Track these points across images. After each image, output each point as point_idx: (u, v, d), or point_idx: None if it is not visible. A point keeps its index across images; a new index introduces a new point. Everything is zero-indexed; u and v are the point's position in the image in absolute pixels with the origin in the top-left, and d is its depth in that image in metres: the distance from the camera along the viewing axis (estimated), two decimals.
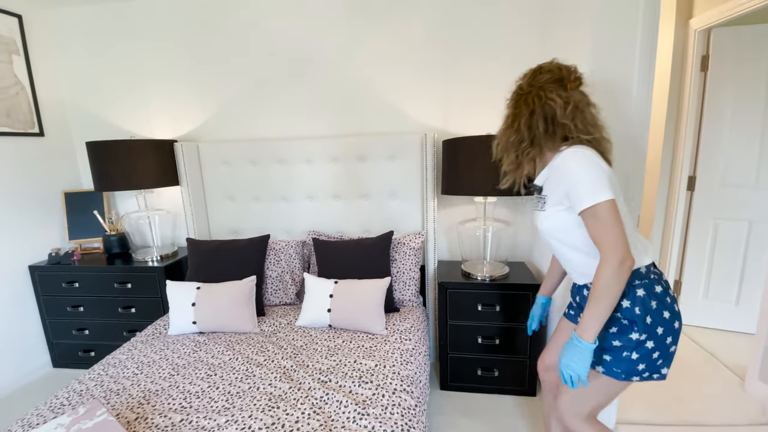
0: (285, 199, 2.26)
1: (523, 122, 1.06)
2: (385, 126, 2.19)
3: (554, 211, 1.06)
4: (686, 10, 2.40)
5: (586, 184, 0.95)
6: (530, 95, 1.06)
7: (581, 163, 0.97)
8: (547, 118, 1.04)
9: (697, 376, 2.09)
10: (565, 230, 1.06)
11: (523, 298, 1.83)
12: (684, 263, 2.58)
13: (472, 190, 1.77)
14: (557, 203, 1.05)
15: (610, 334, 1.05)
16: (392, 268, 1.99)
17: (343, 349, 1.55)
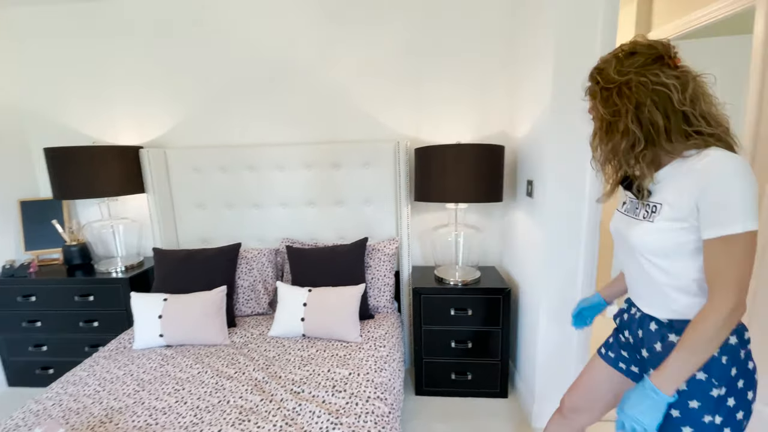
0: (257, 206, 2.23)
1: (630, 120, 0.82)
2: (360, 133, 2.20)
3: (668, 227, 0.81)
4: (646, 23, 2.55)
5: (742, 204, 0.73)
6: (628, 85, 0.82)
7: (743, 175, 0.73)
8: (664, 108, 0.80)
9: None
10: (672, 254, 0.82)
11: (494, 302, 1.87)
12: None
13: (443, 197, 1.80)
14: (677, 218, 0.80)
15: (682, 392, 0.83)
16: (367, 275, 1.99)
17: (317, 358, 1.54)
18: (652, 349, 0.91)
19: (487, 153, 1.78)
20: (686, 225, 0.79)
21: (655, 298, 0.89)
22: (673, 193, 0.82)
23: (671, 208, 0.81)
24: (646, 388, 0.80)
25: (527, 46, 1.80)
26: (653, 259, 0.86)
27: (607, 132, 0.88)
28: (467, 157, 1.75)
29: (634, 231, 0.89)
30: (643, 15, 2.54)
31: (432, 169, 1.81)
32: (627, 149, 0.85)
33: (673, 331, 0.86)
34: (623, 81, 0.83)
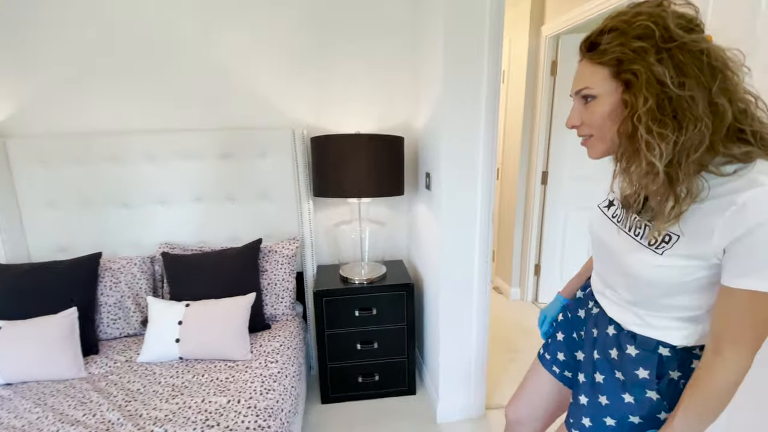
0: (127, 205, 1.88)
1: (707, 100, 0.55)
2: (254, 120, 1.96)
3: (681, 263, 0.63)
4: (539, 17, 2.64)
5: None
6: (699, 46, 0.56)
7: None
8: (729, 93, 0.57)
9: None
10: (678, 290, 0.66)
11: (398, 298, 1.81)
12: (542, 248, 2.89)
13: (341, 192, 1.67)
14: (696, 256, 0.61)
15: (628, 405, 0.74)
16: (262, 281, 1.80)
17: (192, 386, 1.33)
18: (605, 353, 0.78)
19: (387, 144, 1.68)
20: (704, 263, 0.61)
21: (631, 315, 0.74)
22: (697, 226, 0.60)
23: (690, 244, 0.61)
24: None
25: (425, 37, 1.71)
26: (649, 289, 0.68)
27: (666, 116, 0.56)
28: (365, 148, 1.63)
29: (630, 252, 0.69)
30: (537, 8, 2.62)
31: (329, 162, 1.66)
32: (695, 146, 0.56)
33: (634, 344, 0.73)
34: (692, 39, 0.55)
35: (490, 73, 1.43)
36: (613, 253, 0.74)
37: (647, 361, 0.71)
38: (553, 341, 1.00)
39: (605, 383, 0.77)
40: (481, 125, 1.48)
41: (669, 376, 0.70)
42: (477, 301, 1.65)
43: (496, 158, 1.52)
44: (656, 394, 0.70)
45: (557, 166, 2.73)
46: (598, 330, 0.81)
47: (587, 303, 0.89)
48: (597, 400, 0.78)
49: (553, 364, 0.99)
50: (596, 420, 0.77)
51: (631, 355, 0.73)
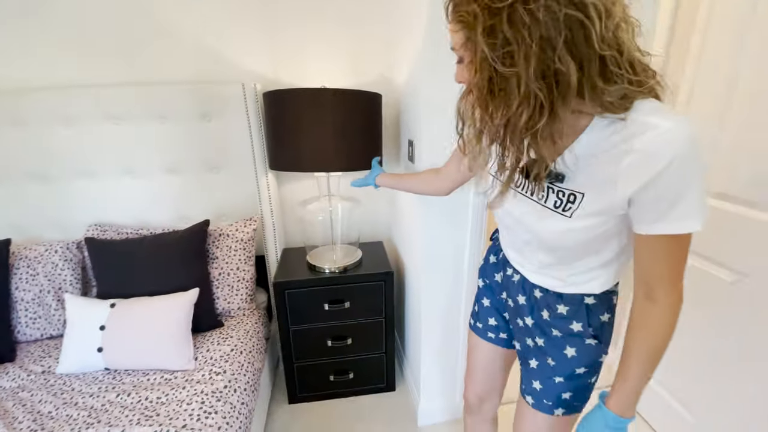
0: (42, 178, 1.53)
1: (533, 72, 0.47)
2: (194, 73, 1.58)
3: (591, 223, 0.61)
4: None
5: (699, 196, 0.53)
6: (527, 6, 0.46)
7: (699, 156, 0.51)
8: (578, 51, 0.48)
9: None
10: (590, 246, 0.65)
11: (376, 289, 1.55)
12: None
13: (301, 164, 1.35)
14: (604, 211, 0.59)
15: (572, 359, 0.75)
16: (213, 270, 1.51)
17: (114, 410, 1.07)
18: (537, 316, 0.79)
19: (359, 103, 1.34)
20: (611, 216, 0.60)
21: (551, 277, 0.75)
22: (597, 179, 0.58)
23: (594, 199, 0.59)
24: (609, 421, 0.66)
25: None
26: (563, 251, 0.69)
27: (493, 93, 0.52)
28: (331, 107, 1.29)
29: (541, 225, 0.68)
30: None
31: (285, 126, 1.32)
32: (528, 122, 0.51)
33: (561, 302, 0.75)
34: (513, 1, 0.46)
35: None
36: (522, 222, 0.73)
37: (578, 314, 0.74)
38: (480, 309, 0.98)
39: (546, 345, 0.79)
40: None
41: (600, 320, 0.74)
42: (467, 291, 1.40)
43: None
44: (593, 339, 0.74)
45: None
46: (526, 296, 0.81)
47: (504, 269, 0.88)
48: (543, 361, 0.79)
49: (487, 331, 0.97)
50: (546, 381, 0.79)
51: (562, 313, 0.75)
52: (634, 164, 0.53)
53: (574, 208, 0.62)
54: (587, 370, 0.76)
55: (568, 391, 0.77)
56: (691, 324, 1.27)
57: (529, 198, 0.69)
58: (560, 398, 0.78)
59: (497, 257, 0.93)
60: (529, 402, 0.82)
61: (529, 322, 0.82)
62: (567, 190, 0.62)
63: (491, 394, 1.04)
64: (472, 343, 1.03)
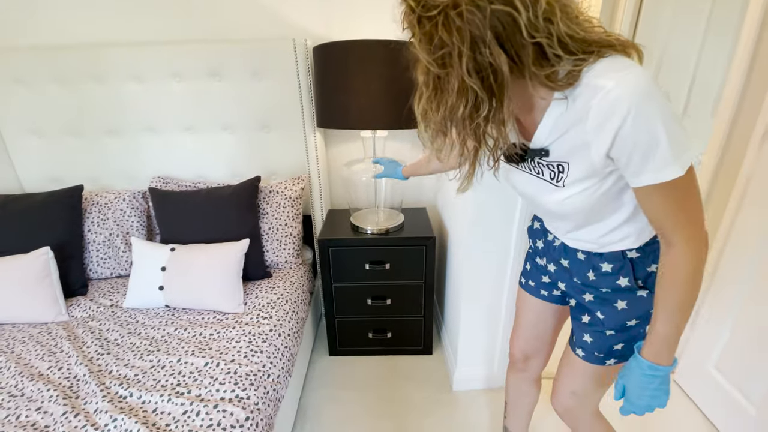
0: (115, 132, 1.66)
1: (466, 69, 0.51)
2: (246, 30, 1.61)
3: (582, 187, 0.64)
4: None
5: (670, 141, 0.52)
6: (457, 9, 0.49)
7: (657, 98, 0.51)
8: (510, 44, 0.51)
9: None
10: (598, 207, 0.67)
11: (416, 253, 1.54)
12: None
13: (346, 121, 1.34)
14: (590, 175, 0.62)
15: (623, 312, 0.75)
16: (263, 224, 1.57)
17: (172, 341, 1.17)
18: (584, 277, 0.78)
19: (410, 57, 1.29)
20: (602, 176, 0.62)
21: (584, 243, 0.76)
22: (574, 147, 0.60)
23: (578, 165, 0.62)
24: (644, 369, 0.66)
25: None
26: (576, 216, 0.70)
27: (436, 91, 0.57)
28: (378, 60, 1.25)
29: (545, 199, 0.70)
30: None
31: (330, 81, 1.31)
32: (470, 113, 0.55)
33: (604, 260, 0.74)
34: (449, 3, 0.49)
35: None
36: (528, 196, 0.75)
37: (623, 269, 0.73)
38: (533, 266, 0.96)
39: (596, 300, 0.78)
40: None
41: (647, 271, 0.72)
42: (514, 260, 1.35)
43: None
44: (644, 290, 0.73)
45: None
46: (569, 259, 0.81)
47: (545, 235, 0.87)
48: (594, 316, 0.79)
49: (540, 288, 0.95)
50: (597, 334, 0.78)
51: (608, 271, 0.74)
52: (596, 126, 0.55)
53: (564, 177, 0.65)
54: (638, 321, 0.75)
55: (620, 342, 0.77)
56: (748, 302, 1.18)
57: (529, 173, 0.71)
58: (612, 349, 0.77)
59: (541, 223, 0.91)
60: (580, 355, 0.82)
61: (576, 280, 0.81)
62: (554, 162, 0.65)
63: (539, 352, 1.02)
64: (523, 300, 1.01)
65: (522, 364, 1.04)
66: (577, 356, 0.82)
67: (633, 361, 0.68)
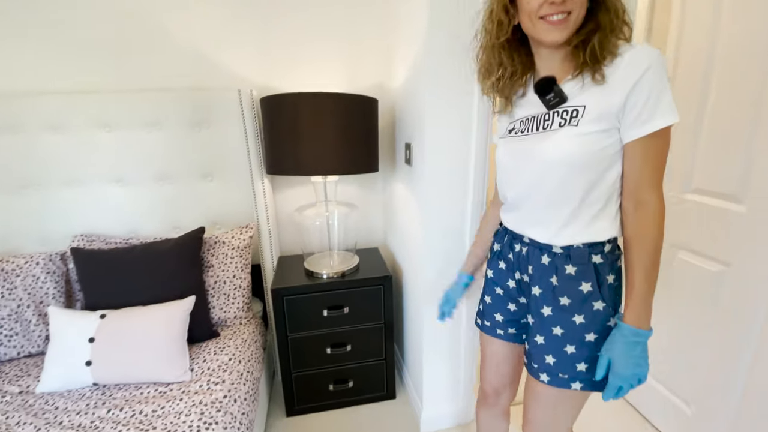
0: (29, 187, 1.47)
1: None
2: (188, 79, 1.57)
3: (593, 128, 0.70)
4: None
5: (670, 96, 0.67)
6: None
7: (665, 67, 0.68)
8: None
9: None
10: (594, 161, 0.72)
11: (374, 294, 1.53)
12: None
13: (301, 168, 1.34)
14: (603, 116, 0.70)
15: (581, 326, 0.77)
16: (208, 278, 1.46)
17: (105, 426, 1.00)
18: (546, 284, 0.81)
19: (357, 107, 1.35)
20: (609, 126, 0.70)
21: (556, 221, 0.78)
22: (598, 93, 0.71)
23: (597, 107, 0.70)
24: (627, 335, 0.72)
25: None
26: (570, 172, 0.73)
27: None
28: (330, 111, 1.30)
29: (549, 142, 0.75)
30: None
31: (283, 130, 1.32)
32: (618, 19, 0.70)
33: (569, 262, 0.78)
34: None
35: None
36: (531, 160, 0.78)
37: (586, 273, 0.77)
38: (485, 306, 0.99)
39: (554, 314, 0.80)
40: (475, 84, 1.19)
41: (607, 282, 0.77)
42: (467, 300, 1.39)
43: (491, 123, 1.24)
44: (601, 302, 0.76)
45: None
46: (533, 266, 0.83)
47: (511, 247, 0.90)
48: (552, 334, 0.80)
49: (495, 328, 0.98)
50: (558, 353, 0.80)
51: (571, 274, 0.78)
52: (622, 73, 0.68)
53: (579, 117, 0.72)
54: (597, 336, 0.77)
55: (583, 362, 0.78)
56: (681, 315, 1.33)
57: (534, 133, 0.79)
58: (576, 370, 0.78)
59: (501, 243, 0.94)
60: (545, 380, 0.82)
61: (536, 291, 0.83)
62: (570, 108, 0.73)
63: (507, 387, 1.04)
64: (484, 340, 1.03)
65: (493, 399, 1.05)
66: (542, 383, 0.82)
67: (616, 331, 0.73)
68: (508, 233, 0.92)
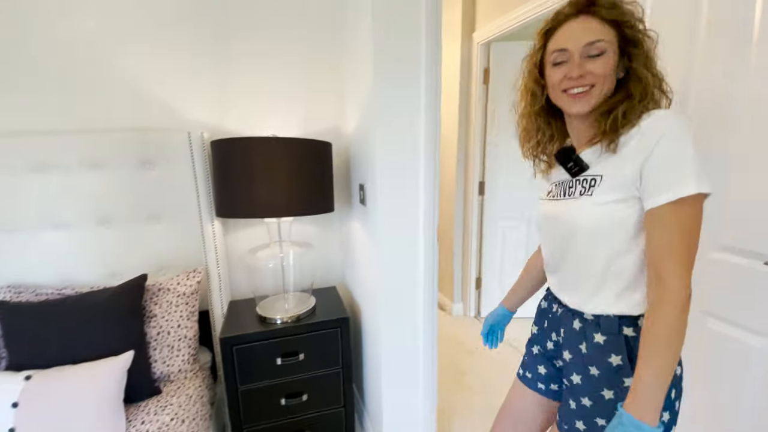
0: None
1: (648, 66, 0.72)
2: (135, 120, 1.53)
3: (609, 198, 0.70)
4: (470, 24, 2.56)
5: (693, 161, 0.63)
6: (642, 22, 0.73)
7: (689, 135, 0.64)
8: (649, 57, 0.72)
9: None
10: (614, 232, 0.71)
11: (331, 337, 1.50)
12: (482, 261, 2.78)
13: (254, 210, 1.32)
14: (618, 186, 0.69)
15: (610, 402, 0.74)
16: (150, 330, 1.37)
17: None
18: (576, 350, 0.80)
19: (310, 151, 1.38)
20: (627, 196, 0.69)
21: (585, 288, 0.77)
22: (614, 163, 0.71)
23: (612, 177, 0.71)
24: (626, 426, 0.63)
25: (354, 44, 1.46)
26: (592, 241, 0.74)
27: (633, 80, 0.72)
28: (283, 156, 1.31)
29: (569, 209, 0.77)
30: (468, 14, 2.55)
31: (236, 173, 1.31)
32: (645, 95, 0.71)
33: (599, 331, 0.75)
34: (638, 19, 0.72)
35: (428, 68, 1.22)
36: (559, 225, 0.80)
37: (616, 344, 0.73)
38: (530, 357, 0.98)
39: (583, 383, 0.78)
40: (421, 129, 1.26)
41: None
42: (423, 331, 1.40)
43: (438, 166, 1.31)
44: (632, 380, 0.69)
45: (493, 176, 2.65)
46: (565, 330, 0.83)
47: (550, 310, 0.90)
48: (581, 403, 0.77)
49: (537, 381, 0.96)
50: (589, 423, 0.76)
51: (599, 343, 0.75)
52: (635, 143, 0.68)
53: (596, 186, 0.73)
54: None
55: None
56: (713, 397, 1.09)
57: (562, 199, 0.81)
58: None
59: (547, 301, 0.94)
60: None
61: (567, 356, 0.82)
62: (589, 176, 0.74)
63: None
64: (517, 390, 1.00)
65: None
66: None
67: (615, 419, 0.65)
68: (550, 293, 0.93)
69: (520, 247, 2.74)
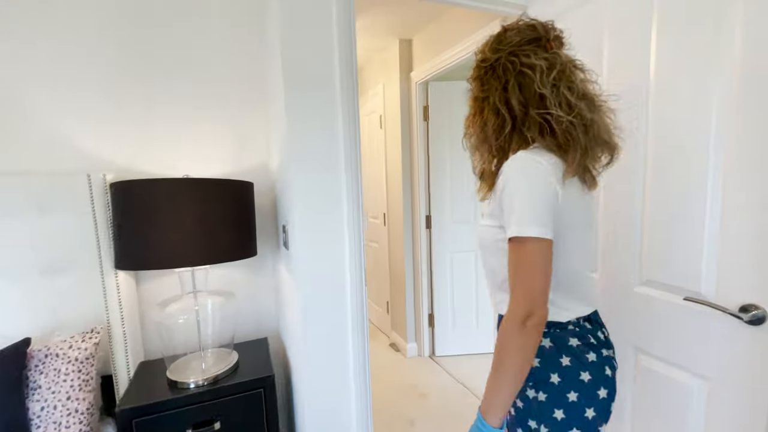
0: None
1: (497, 99, 0.80)
2: (37, 162, 1.37)
3: (489, 223, 0.83)
4: (407, 63, 2.63)
5: (520, 206, 0.71)
6: (499, 64, 0.80)
7: (531, 177, 0.72)
8: (524, 91, 0.77)
9: None
10: (494, 251, 0.82)
11: (253, 400, 1.33)
12: (434, 296, 2.71)
13: (157, 261, 1.18)
14: (492, 214, 0.82)
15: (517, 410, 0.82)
16: (33, 404, 1.14)
17: None
18: None
19: (225, 192, 1.27)
20: (498, 223, 0.80)
21: (492, 294, 0.90)
22: (494, 191, 0.83)
23: (490, 206, 0.83)
24: (476, 420, 0.73)
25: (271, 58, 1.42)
26: (484, 253, 0.87)
27: (478, 114, 0.85)
28: (189, 198, 1.19)
29: (479, 230, 0.89)
30: (405, 55, 2.62)
31: (135, 218, 1.17)
32: (497, 129, 0.82)
33: None
34: (495, 59, 0.81)
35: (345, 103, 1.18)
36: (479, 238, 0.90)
37: None
38: None
39: None
40: (341, 166, 1.20)
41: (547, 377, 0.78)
42: (355, 387, 1.28)
43: (361, 203, 1.24)
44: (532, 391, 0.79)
45: (439, 210, 2.64)
46: None
47: None
48: (516, 405, 0.82)
49: None
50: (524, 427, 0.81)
51: None
52: (499, 180, 0.78)
53: (487, 210, 0.85)
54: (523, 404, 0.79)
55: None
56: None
57: None
58: None
59: None
60: None
61: None
62: (487, 202, 0.87)
63: None
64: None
65: None
66: None
67: None
68: None
69: (470, 277, 2.70)
